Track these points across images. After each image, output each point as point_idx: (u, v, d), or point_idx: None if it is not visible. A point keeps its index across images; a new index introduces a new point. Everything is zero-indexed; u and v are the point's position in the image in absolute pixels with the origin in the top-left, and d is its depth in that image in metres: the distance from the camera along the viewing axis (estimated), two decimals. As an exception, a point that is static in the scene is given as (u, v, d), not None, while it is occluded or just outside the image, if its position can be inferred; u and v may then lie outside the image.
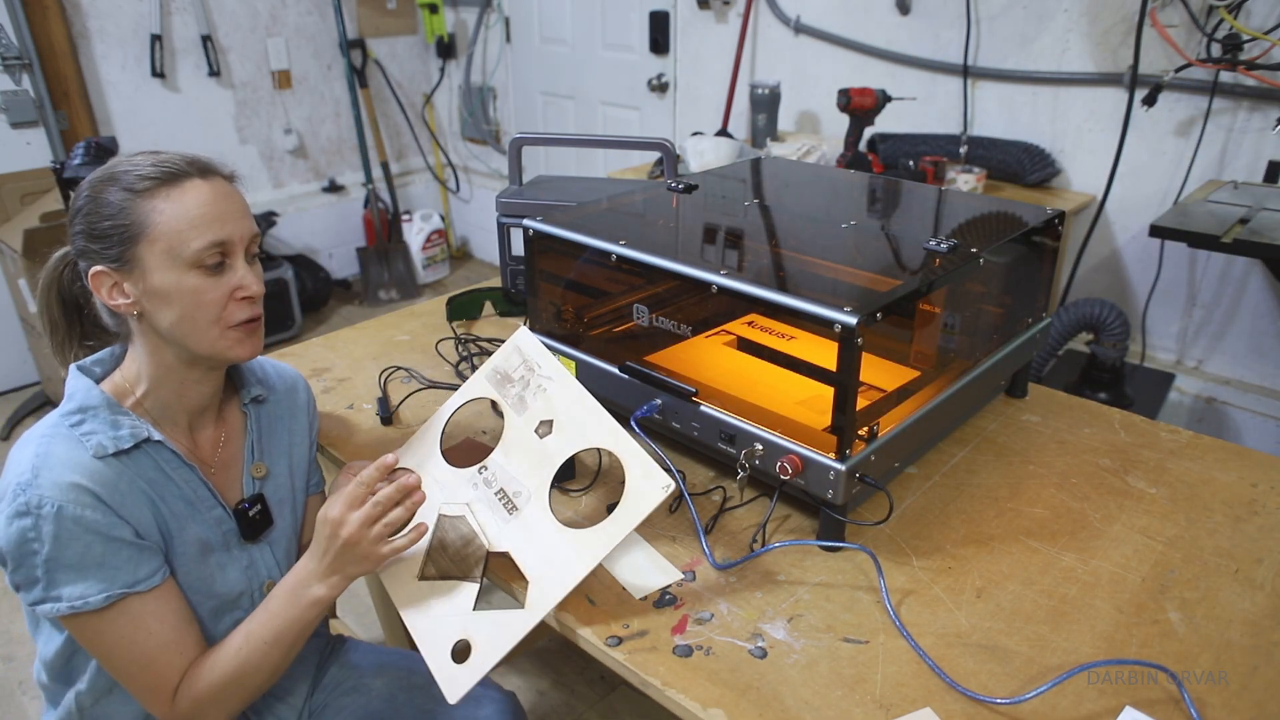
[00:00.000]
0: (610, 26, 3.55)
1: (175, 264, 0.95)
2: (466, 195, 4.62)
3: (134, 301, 0.96)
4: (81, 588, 0.91)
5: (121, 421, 0.97)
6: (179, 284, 0.95)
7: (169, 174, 0.96)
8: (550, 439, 0.95)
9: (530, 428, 0.97)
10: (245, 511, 1.07)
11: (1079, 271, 2.52)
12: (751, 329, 1.37)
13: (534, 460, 0.94)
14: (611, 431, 0.95)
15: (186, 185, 0.96)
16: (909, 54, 2.70)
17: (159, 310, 0.96)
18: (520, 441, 0.96)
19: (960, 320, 1.27)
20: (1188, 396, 2.46)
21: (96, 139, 2.52)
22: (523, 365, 1.04)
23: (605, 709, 1.93)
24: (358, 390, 1.47)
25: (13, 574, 0.92)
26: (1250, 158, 2.19)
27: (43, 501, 0.89)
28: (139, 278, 0.95)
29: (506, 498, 0.92)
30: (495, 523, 0.89)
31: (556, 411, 0.97)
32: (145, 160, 0.97)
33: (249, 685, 0.99)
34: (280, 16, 3.85)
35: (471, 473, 0.96)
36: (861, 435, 1.02)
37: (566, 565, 0.87)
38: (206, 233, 0.95)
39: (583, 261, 1.28)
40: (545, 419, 0.97)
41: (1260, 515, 1.12)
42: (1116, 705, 0.84)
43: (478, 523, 0.90)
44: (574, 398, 0.98)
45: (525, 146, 1.68)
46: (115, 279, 0.96)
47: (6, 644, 2.16)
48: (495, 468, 0.94)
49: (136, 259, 0.95)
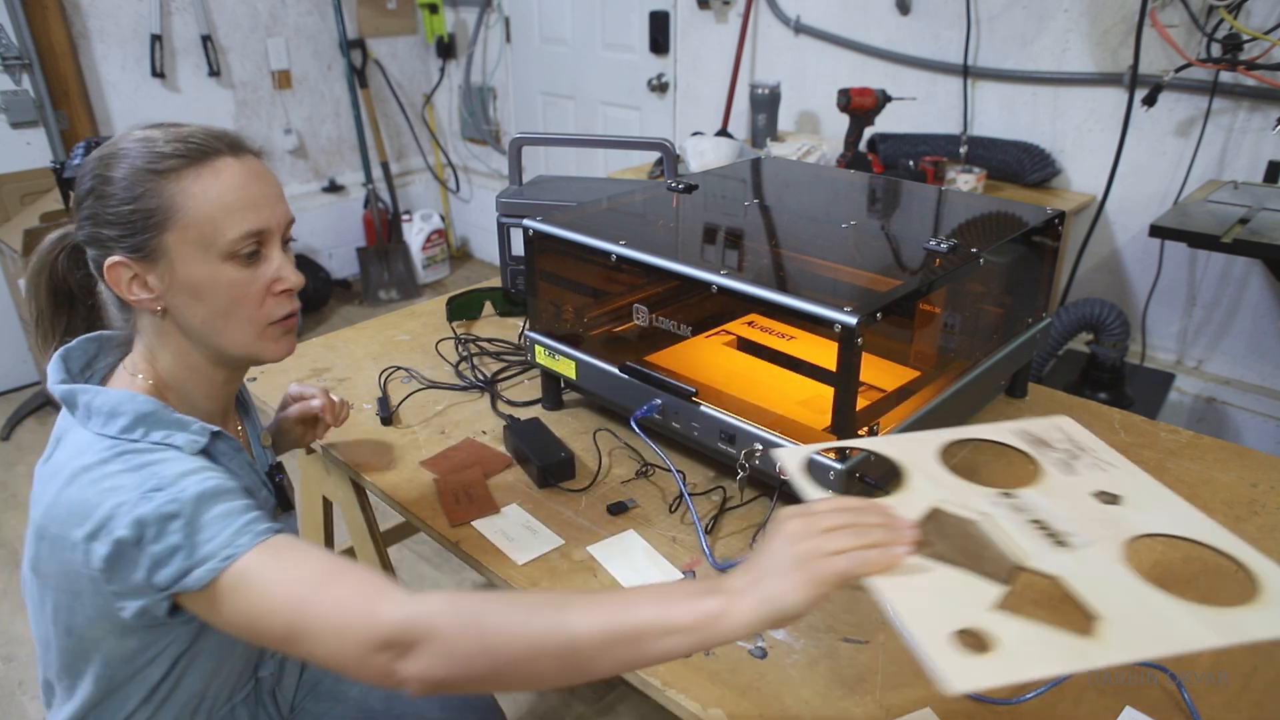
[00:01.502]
0: (610, 26, 3.55)
1: (207, 255, 0.85)
2: (466, 195, 4.62)
3: (158, 296, 0.87)
4: (224, 537, 0.77)
5: (186, 421, 0.87)
6: (212, 277, 0.86)
7: (198, 150, 0.85)
8: (1119, 509, 0.91)
9: (1083, 489, 0.93)
10: (279, 482, 1.02)
11: (1079, 271, 2.52)
12: (751, 329, 1.37)
13: (1095, 516, 0.90)
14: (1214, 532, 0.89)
15: (218, 164, 0.85)
16: (909, 54, 2.70)
17: (188, 306, 0.87)
18: (1068, 494, 0.93)
19: (960, 320, 1.27)
20: (1188, 396, 2.46)
21: (96, 139, 2.52)
22: (1067, 440, 1.02)
23: (605, 709, 1.93)
24: (358, 390, 1.47)
25: (153, 545, 0.77)
26: (1250, 158, 2.19)
27: (181, 489, 0.78)
28: (165, 270, 0.85)
29: (1049, 530, 0.87)
30: (1035, 547, 0.85)
31: (1125, 491, 0.94)
32: (163, 135, 0.86)
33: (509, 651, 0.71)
34: (280, 16, 3.85)
35: (990, 491, 0.91)
36: (861, 435, 1.02)
37: (1171, 625, 0.76)
38: (243, 220, 0.86)
39: (582, 261, 1.28)
40: (1108, 490, 0.94)
41: (1260, 515, 1.12)
42: (1116, 705, 0.84)
43: (1003, 534, 0.85)
44: (1146, 487, 0.95)
45: (525, 146, 1.68)
46: (136, 271, 0.86)
47: (6, 644, 2.16)
48: (1028, 500, 0.90)
49: (162, 249, 0.84)
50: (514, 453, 1.27)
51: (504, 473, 1.24)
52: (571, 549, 1.08)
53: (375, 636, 0.71)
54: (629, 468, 1.24)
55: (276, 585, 0.76)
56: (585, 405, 1.41)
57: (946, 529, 0.85)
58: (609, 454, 1.28)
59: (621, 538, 1.10)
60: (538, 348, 1.33)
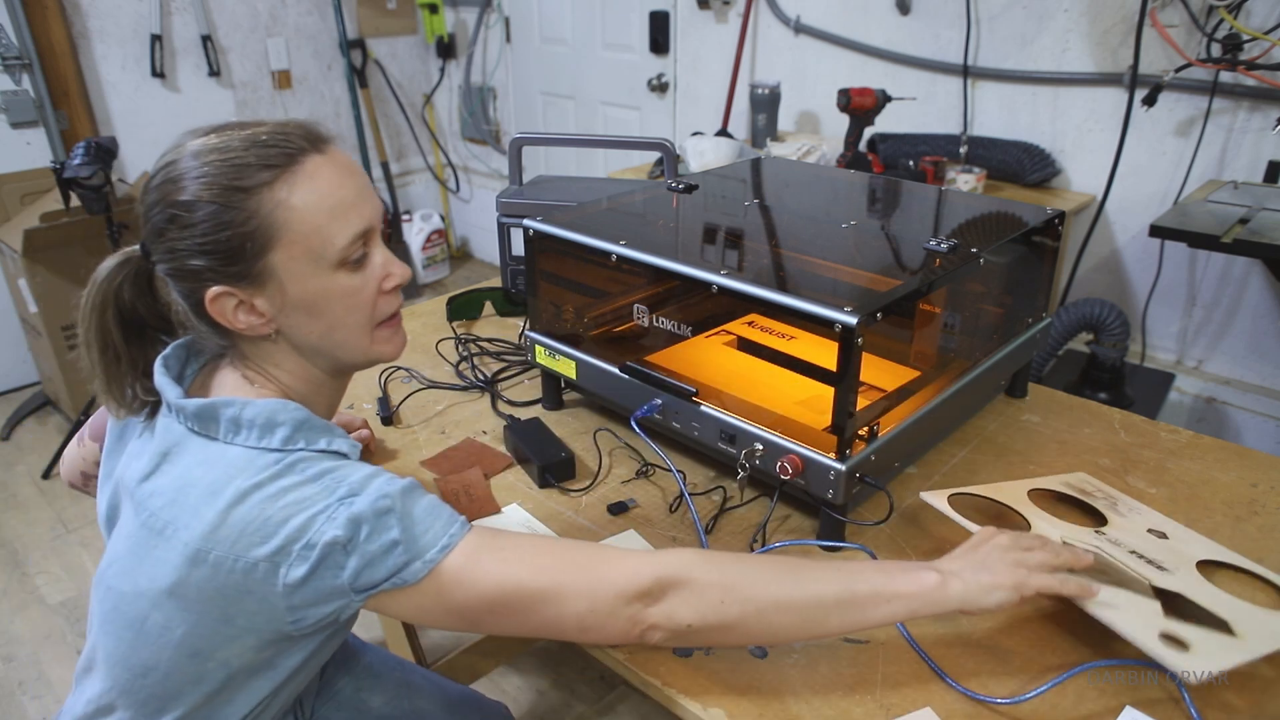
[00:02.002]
0: (610, 26, 3.55)
1: (319, 267, 0.79)
2: (466, 195, 4.62)
3: (270, 319, 0.81)
4: (441, 525, 0.77)
5: (335, 429, 0.83)
6: (327, 289, 0.80)
7: (283, 155, 0.78)
8: (1171, 543, 1.03)
9: (1140, 528, 1.06)
10: None
11: (1079, 271, 2.52)
12: (751, 329, 1.37)
13: (1161, 548, 1.02)
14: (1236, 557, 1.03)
15: (309, 167, 0.79)
16: (909, 54, 2.70)
17: (304, 324, 0.82)
18: (1135, 531, 1.05)
19: (960, 320, 1.27)
20: (1188, 396, 2.46)
21: (96, 139, 2.52)
22: (1099, 490, 1.14)
23: (605, 709, 1.93)
24: (358, 390, 1.47)
25: (368, 543, 0.75)
26: (1250, 158, 2.19)
27: (382, 487, 0.76)
28: (275, 291, 0.79)
29: (1148, 559, 0.98)
30: (1148, 572, 0.95)
31: (1165, 528, 1.07)
32: (239, 141, 0.78)
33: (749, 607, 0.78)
34: (280, 16, 3.85)
35: (1088, 529, 1.04)
36: (861, 435, 1.02)
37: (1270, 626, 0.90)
38: (350, 223, 0.80)
39: (583, 261, 1.28)
40: (1156, 529, 1.06)
41: (1260, 515, 1.12)
42: (1117, 705, 0.84)
43: (1120, 562, 0.96)
44: (1173, 524, 1.08)
45: (525, 146, 1.68)
46: (242, 297, 0.79)
47: (6, 644, 2.16)
48: (1117, 535, 1.02)
49: (269, 271, 0.78)
50: (514, 453, 1.27)
51: (504, 473, 1.24)
52: (571, 549, 1.08)
53: (633, 587, 0.76)
54: (629, 468, 1.24)
55: (514, 559, 0.77)
56: (585, 405, 1.41)
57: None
58: (609, 454, 1.28)
59: (622, 538, 1.10)
60: (538, 348, 1.33)
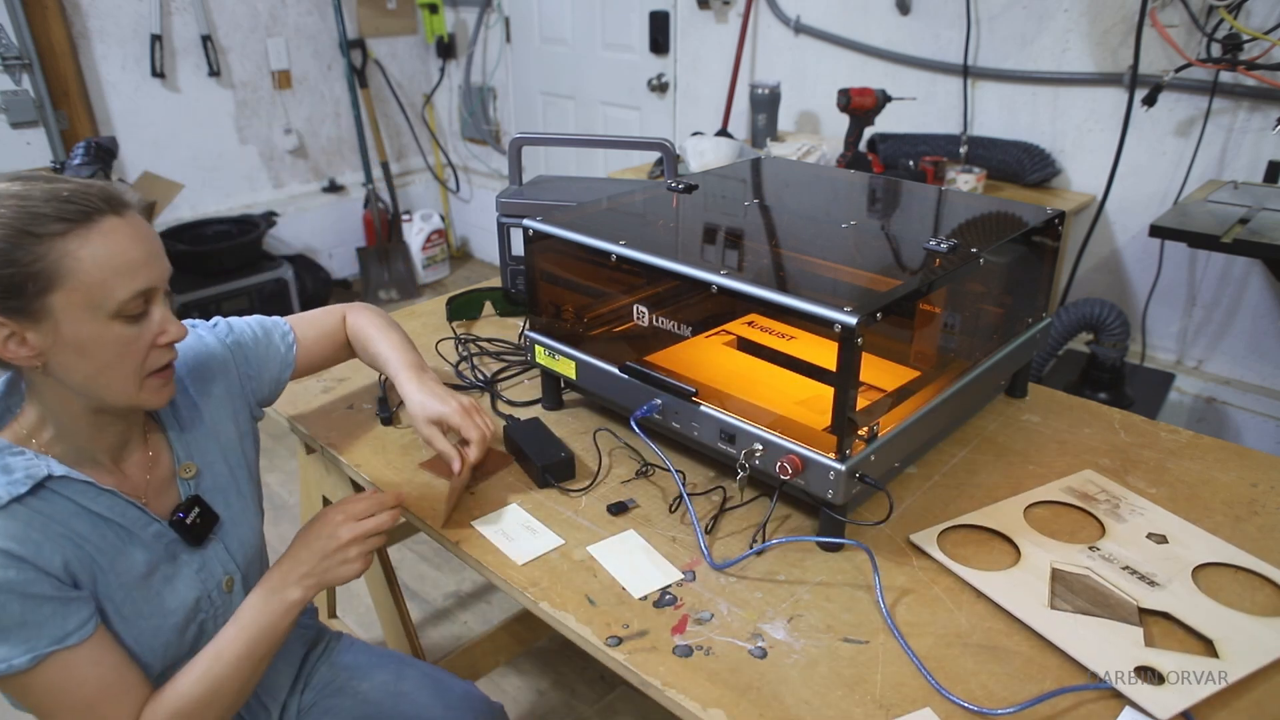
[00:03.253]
0: (610, 26, 3.55)
1: (95, 315, 0.85)
2: (466, 195, 4.62)
3: (39, 354, 0.86)
4: (4, 650, 0.84)
5: (13, 465, 0.87)
6: (99, 336, 0.86)
7: (80, 212, 0.84)
8: (1170, 547, 1.05)
9: (1139, 534, 1.08)
10: (181, 520, 1.00)
11: (1079, 271, 2.52)
12: (751, 329, 1.37)
13: (1158, 555, 1.04)
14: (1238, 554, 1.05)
15: (104, 226, 0.85)
16: (909, 54, 2.70)
17: (71, 363, 0.87)
18: (1131, 540, 1.07)
19: (960, 320, 1.27)
20: (1188, 396, 2.46)
21: (96, 139, 2.52)
22: (1102, 492, 1.16)
23: (605, 709, 1.93)
24: (357, 390, 1.47)
25: None
26: (1250, 158, 2.19)
27: None
28: (48, 329, 0.84)
29: (1140, 574, 1.01)
30: (1138, 590, 0.98)
31: (1166, 529, 1.09)
32: (40, 192, 0.84)
33: (220, 704, 0.95)
34: (280, 16, 3.85)
35: (1081, 547, 1.06)
36: (861, 435, 1.02)
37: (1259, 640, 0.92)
38: (132, 281, 0.86)
39: (583, 261, 1.28)
40: (1155, 532, 1.08)
41: (1260, 515, 1.12)
42: (1117, 705, 0.84)
43: (1109, 584, 0.99)
44: (1177, 523, 1.10)
45: (525, 146, 1.68)
46: (14, 329, 0.84)
47: (6, 644, 2.16)
48: (1111, 550, 1.05)
49: (45, 309, 0.83)
50: (514, 453, 1.27)
51: (504, 473, 1.24)
52: (571, 549, 1.08)
53: None
54: (629, 468, 1.24)
55: (39, 698, 0.87)
56: (585, 405, 1.41)
57: (1074, 586, 0.99)
58: (609, 454, 1.28)
59: (621, 538, 1.10)
60: (538, 348, 1.33)
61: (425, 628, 2.19)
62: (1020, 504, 1.14)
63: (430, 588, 2.33)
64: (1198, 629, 0.92)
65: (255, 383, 1.17)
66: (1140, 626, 0.92)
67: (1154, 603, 0.96)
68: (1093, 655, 0.88)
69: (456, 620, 2.22)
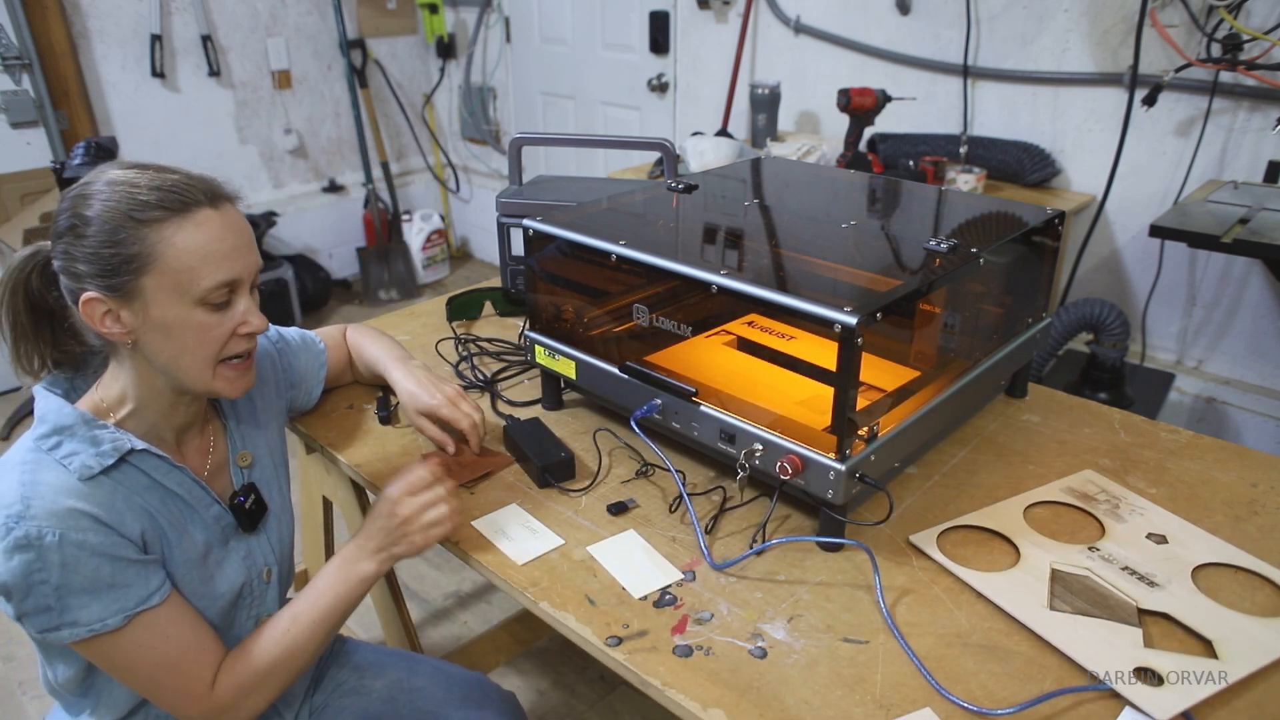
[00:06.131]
0: (610, 26, 3.55)
1: (182, 300, 0.91)
2: (466, 195, 4.62)
3: (129, 331, 0.92)
4: (98, 609, 0.88)
5: (101, 437, 0.93)
6: (183, 320, 0.92)
7: (179, 201, 0.90)
8: (1170, 547, 1.05)
9: (1139, 534, 1.08)
10: (241, 504, 1.06)
11: (1079, 271, 2.52)
12: (751, 329, 1.37)
13: (1158, 556, 1.04)
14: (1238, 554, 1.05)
15: (199, 217, 0.91)
16: (909, 54, 2.70)
17: (157, 342, 0.93)
18: (1131, 541, 1.07)
19: (960, 320, 1.27)
20: (1188, 396, 2.46)
21: (96, 139, 2.52)
22: (1102, 492, 1.16)
23: (605, 709, 1.93)
24: (357, 390, 1.47)
25: (19, 605, 0.88)
26: (1250, 158, 2.19)
27: (42, 532, 0.85)
28: (139, 309, 0.91)
29: (1140, 575, 1.01)
30: (1136, 589, 0.98)
31: (1166, 529, 1.09)
32: (145, 180, 0.90)
33: (294, 666, 1.00)
34: (280, 16, 3.85)
35: (1081, 547, 1.06)
36: (861, 435, 1.02)
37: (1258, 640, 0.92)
38: (218, 271, 0.92)
39: (583, 261, 1.28)
40: (1155, 532, 1.08)
41: (1260, 515, 1.12)
42: (1117, 705, 0.84)
43: (1108, 584, 0.99)
44: (1177, 523, 1.10)
45: (525, 146, 1.68)
46: (110, 307, 0.91)
47: (6, 644, 2.16)
48: (1111, 551, 1.05)
49: (138, 290, 0.90)
50: (514, 453, 1.27)
51: (504, 473, 1.24)
52: (571, 549, 1.08)
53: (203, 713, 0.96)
54: (629, 468, 1.24)
55: (126, 658, 0.92)
56: (585, 405, 1.41)
57: (1074, 587, 0.99)
58: (609, 454, 1.28)
59: (621, 538, 1.10)
60: (538, 348, 1.33)
61: (425, 628, 2.19)
62: (1020, 504, 1.14)
63: (430, 588, 2.33)
64: (1197, 629, 0.92)
65: (294, 391, 1.26)
66: (1139, 627, 0.92)
67: (1153, 603, 0.96)
68: (1092, 656, 0.88)
69: (456, 620, 2.22)
